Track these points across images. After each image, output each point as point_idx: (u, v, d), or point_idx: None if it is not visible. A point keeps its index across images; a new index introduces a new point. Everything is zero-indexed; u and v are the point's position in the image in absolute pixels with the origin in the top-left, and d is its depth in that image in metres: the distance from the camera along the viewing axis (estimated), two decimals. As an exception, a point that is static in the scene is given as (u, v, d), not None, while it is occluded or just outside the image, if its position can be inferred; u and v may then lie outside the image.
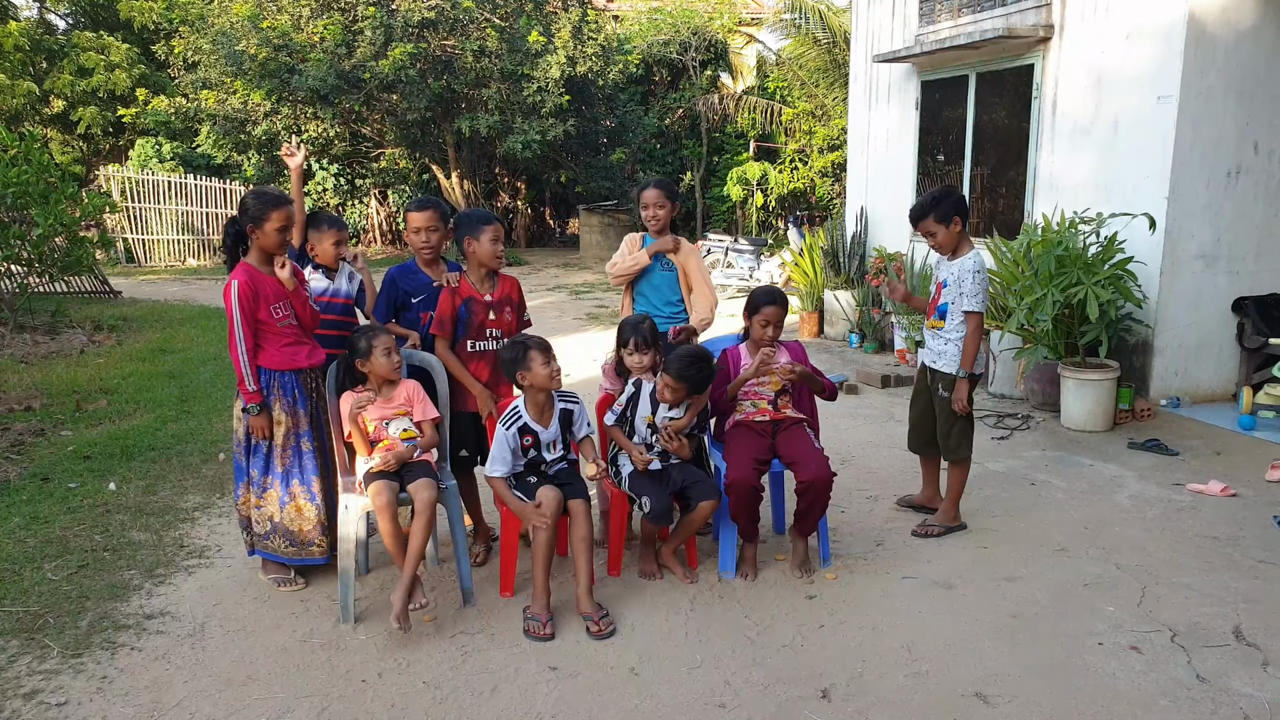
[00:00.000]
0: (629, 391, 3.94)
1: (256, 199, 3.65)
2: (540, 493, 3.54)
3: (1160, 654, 3.25)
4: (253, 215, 3.62)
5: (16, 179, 9.27)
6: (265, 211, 3.61)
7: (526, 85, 15.79)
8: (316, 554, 3.85)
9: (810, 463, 3.76)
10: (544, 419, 3.69)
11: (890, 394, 7.22)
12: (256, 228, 3.62)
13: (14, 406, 6.79)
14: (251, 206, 3.64)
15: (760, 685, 3.10)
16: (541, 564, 3.52)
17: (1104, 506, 4.71)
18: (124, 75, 19.24)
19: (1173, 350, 6.42)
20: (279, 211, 3.63)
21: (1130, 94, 6.40)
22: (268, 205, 3.62)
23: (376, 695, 3.07)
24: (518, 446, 3.66)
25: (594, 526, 3.77)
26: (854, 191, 10.00)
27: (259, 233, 3.63)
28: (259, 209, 3.62)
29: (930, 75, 8.55)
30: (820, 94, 17.09)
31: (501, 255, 3.98)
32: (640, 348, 3.86)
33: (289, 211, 3.67)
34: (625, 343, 3.89)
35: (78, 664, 3.26)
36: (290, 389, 3.76)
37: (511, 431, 3.64)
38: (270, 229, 3.62)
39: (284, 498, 3.79)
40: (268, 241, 3.64)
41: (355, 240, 20.37)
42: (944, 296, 4.23)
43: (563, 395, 3.77)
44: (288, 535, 3.82)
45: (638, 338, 3.86)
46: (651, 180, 4.45)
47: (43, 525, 4.51)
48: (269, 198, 3.65)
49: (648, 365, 3.88)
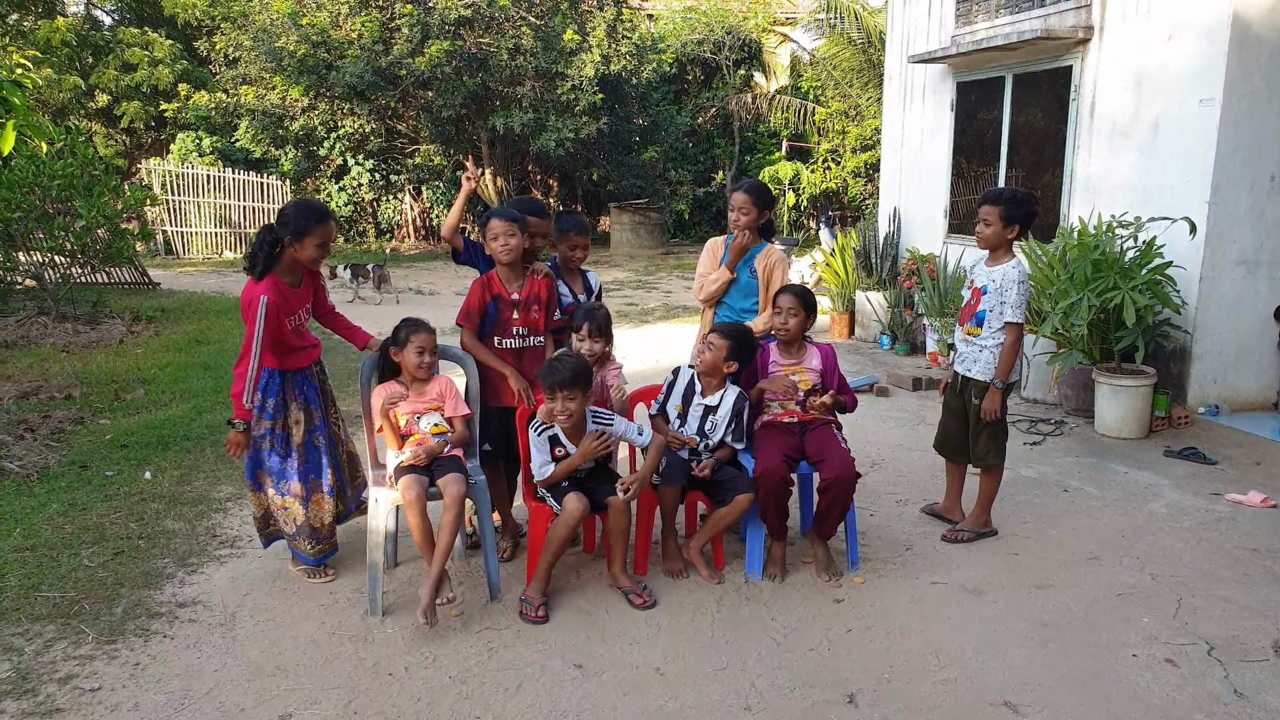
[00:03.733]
0: (669, 379, 4.02)
1: (299, 212, 3.60)
2: (566, 500, 3.57)
3: (1196, 667, 3.19)
4: (294, 229, 3.55)
5: (62, 171, 9.45)
6: (308, 227, 3.56)
7: (560, 83, 15.83)
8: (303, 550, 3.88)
9: (834, 460, 3.74)
10: (576, 439, 3.69)
11: (921, 397, 7.16)
12: (296, 242, 3.57)
13: (55, 394, 6.93)
14: (293, 220, 3.56)
15: (786, 689, 3.08)
16: (550, 553, 3.59)
17: (1139, 515, 4.63)
18: (167, 71, 19.57)
19: (1211, 357, 6.30)
20: (322, 228, 3.59)
21: (1171, 96, 6.29)
22: (310, 220, 3.57)
23: (403, 689, 3.09)
24: (548, 455, 3.68)
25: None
26: (887, 192, 9.92)
27: (298, 246, 3.58)
28: (301, 223, 3.56)
29: (966, 76, 8.46)
30: (854, 94, 16.97)
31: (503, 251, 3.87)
32: (592, 334, 3.91)
33: (330, 229, 3.64)
34: (578, 328, 3.95)
35: (112, 650, 3.32)
36: (302, 386, 3.81)
37: (542, 439, 3.67)
38: (310, 244, 3.59)
39: (307, 496, 3.83)
40: (305, 256, 3.62)
41: (389, 236, 20.57)
42: (983, 303, 4.15)
43: (596, 415, 3.77)
44: (312, 534, 3.85)
45: (590, 324, 3.91)
46: (744, 183, 4.38)
47: (80, 512, 4.59)
48: (312, 211, 3.61)
49: (598, 353, 3.93)
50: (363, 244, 20.00)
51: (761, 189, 4.34)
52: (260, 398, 3.72)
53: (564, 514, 3.55)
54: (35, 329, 9.50)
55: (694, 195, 20.41)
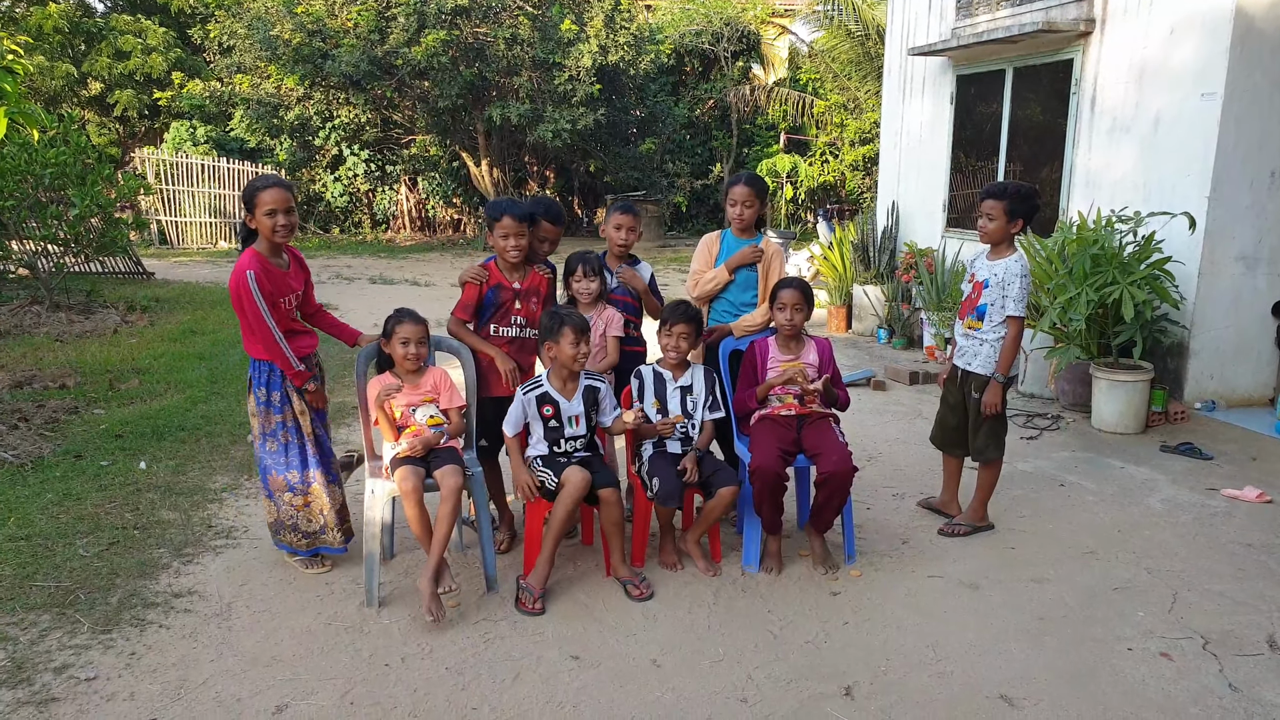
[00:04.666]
0: (634, 384, 4.01)
1: (249, 184, 3.62)
2: (566, 473, 3.57)
3: (1191, 662, 3.20)
4: (245, 200, 3.59)
5: (55, 159, 9.39)
6: (253, 195, 3.56)
7: (558, 74, 15.77)
8: (331, 541, 3.88)
9: (831, 454, 3.73)
10: (567, 391, 3.73)
11: (918, 391, 7.16)
12: (249, 214, 3.59)
13: (49, 384, 6.89)
14: (245, 193, 3.61)
15: (783, 681, 3.08)
16: (551, 535, 3.58)
17: (1135, 510, 4.64)
18: (160, 59, 19.46)
19: (1209, 353, 6.31)
20: (269, 193, 3.56)
21: (1173, 91, 6.28)
22: (255, 189, 3.58)
23: (399, 679, 3.09)
24: (535, 414, 3.70)
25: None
26: (886, 185, 9.90)
27: (251, 219, 3.59)
28: (249, 194, 3.58)
29: (966, 69, 8.44)
30: (853, 87, 16.94)
31: (512, 250, 3.89)
32: (588, 274, 4.05)
33: (278, 195, 3.57)
34: (573, 270, 4.04)
35: (107, 640, 3.30)
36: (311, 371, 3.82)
37: (530, 397, 3.70)
38: (260, 214, 3.56)
39: (320, 485, 3.83)
40: (263, 226, 3.59)
41: (385, 227, 20.50)
42: (984, 297, 4.14)
43: (590, 374, 3.80)
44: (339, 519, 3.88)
45: (585, 265, 4.05)
46: (743, 175, 4.36)
47: (75, 502, 4.57)
48: (259, 180, 3.61)
49: (595, 291, 4.08)
50: (358, 235, 19.94)
51: (761, 180, 4.33)
52: (265, 393, 3.70)
53: (567, 487, 3.53)
54: (29, 318, 9.45)
55: (692, 188, 20.39)
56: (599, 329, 4.11)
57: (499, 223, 3.87)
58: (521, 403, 3.71)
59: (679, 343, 3.91)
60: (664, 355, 3.98)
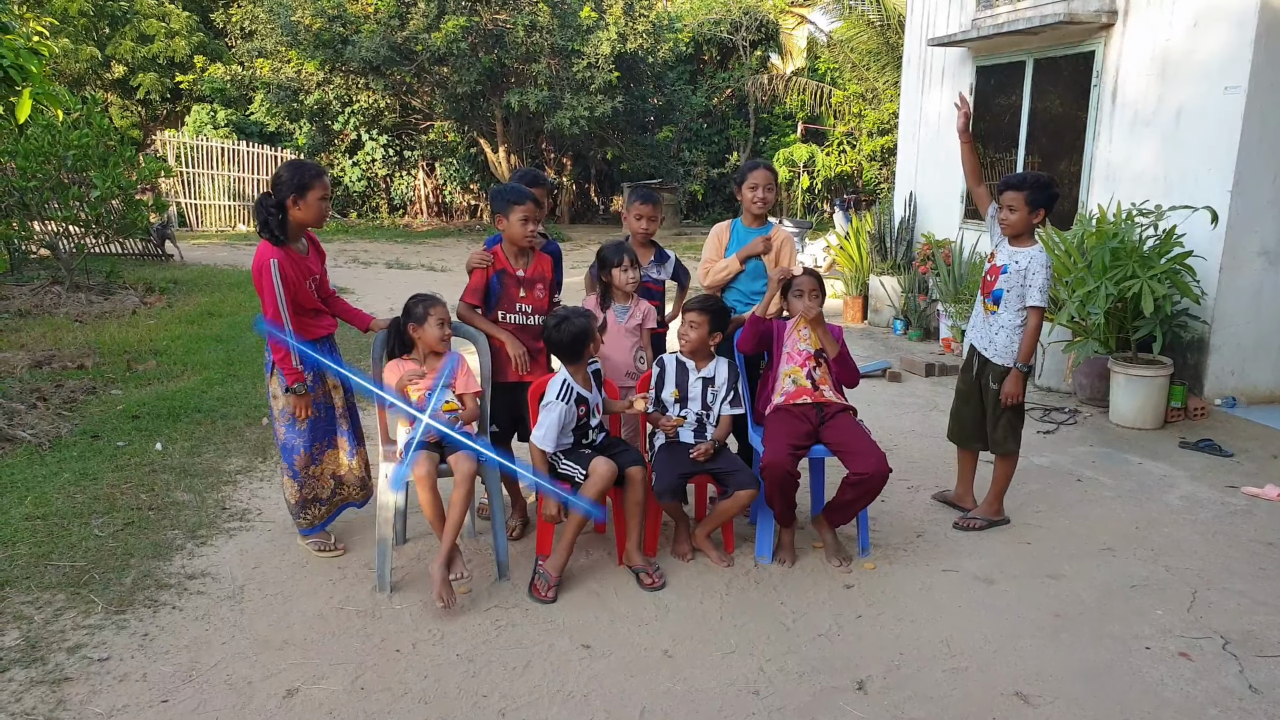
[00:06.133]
0: (655, 372, 3.99)
1: (295, 170, 3.60)
2: (594, 464, 3.56)
3: (1211, 662, 3.15)
4: (296, 186, 3.56)
5: (78, 141, 9.43)
6: (309, 181, 3.56)
7: (576, 61, 15.72)
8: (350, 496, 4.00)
9: (868, 455, 3.68)
10: (587, 383, 3.74)
11: (934, 383, 7.11)
12: (300, 199, 3.57)
13: (68, 364, 6.94)
14: (292, 178, 3.57)
15: (795, 674, 3.06)
16: (575, 523, 3.59)
17: (1153, 506, 4.58)
18: (183, 42, 19.49)
19: (1230, 348, 6.22)
20: (321, 181, 3.59)
21: (1196, 84, 6.18)
22: (309, 175, 3.58)
23: (410, 665, 3.09)
24: (573, 419, 3.67)
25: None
26: (903, 176, 9.82)
27: (302, 203, 3.58)
28: (302, 179, 3.56)
29: (986, 61, 8.34)
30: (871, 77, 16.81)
31: (533, 234, 3.90)
32: (633, 264, 4.04)
33: (328, 184, 3.65)
34: (619, 262, 4.03)
35: (120, 620, 3.32)
36: (334, 354, 3.86)
37: (570, 404, 3.64)
38: (314, 198, 3.59)
39: (353, 450, 3.95)
40: (310, 213, 3.61)
41: (402, 212, 20.53)
42: (1000, 282, 4.09)
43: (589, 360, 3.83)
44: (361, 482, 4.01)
45: (628, 255, 4.04)
46: (761, 161, 4.36)
47: (91, 482, 4.60)
48: (309, 168, 3.62)
49: (637, 281, 4.08)
50: (375, 219, 19.97)
51: (774, 166, 4.33)
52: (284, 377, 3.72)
53: (593, 478, 3.52)
54: (49, 298, 9.52)
55: (708, 176, 20.30)
56: (635, 320, 4.13)
57: (521, 206, 3.84)
58: (560, 414, 3.61)
59: (687, 330, 3.89)
60: (680, 343, 3.97)
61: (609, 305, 4.10)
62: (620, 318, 4.11)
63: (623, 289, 4.07)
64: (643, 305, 4.18)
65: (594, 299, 4.12)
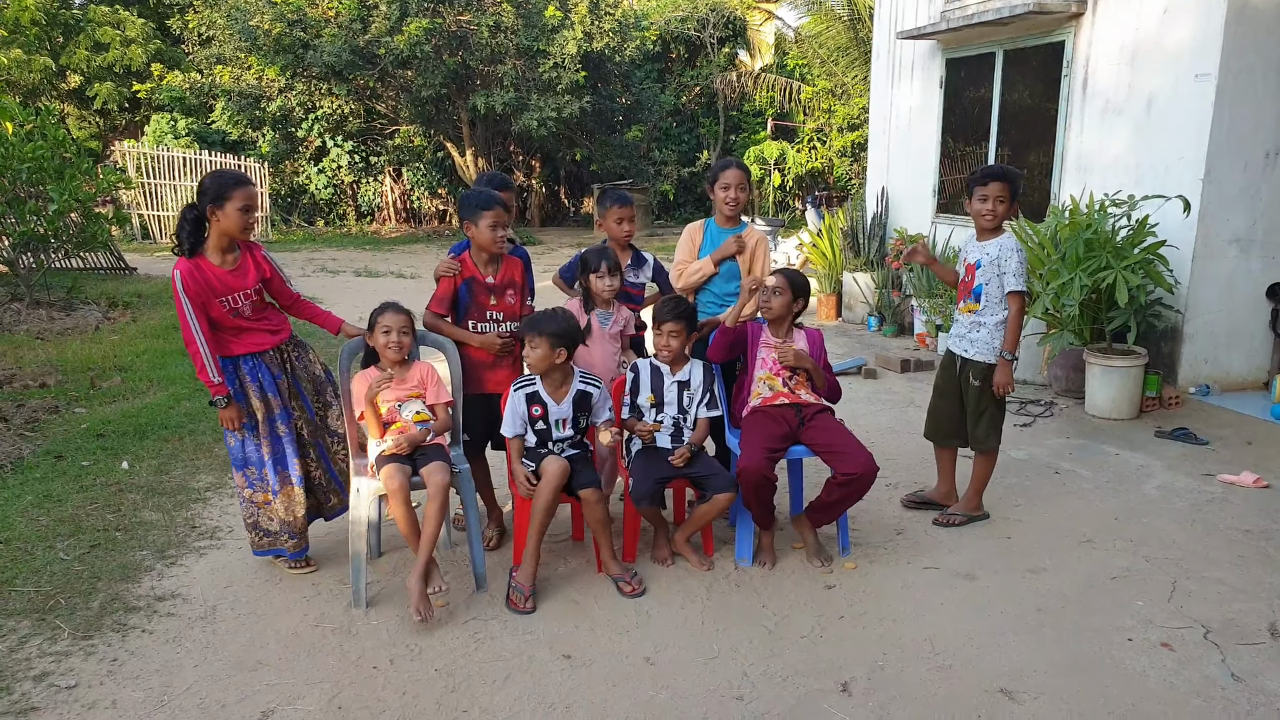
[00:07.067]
0: (629, 377, 3.93)
1: (215, 180, 3.48)
2: (544, 463, 3.52)
3: (1192, 651, 3.16)
4: (214, 196, 3.44)
5: (32, 154, 9.22)
6: (227, 190, 3.44)
7: (542, 61, 15.63)
8: (285, 545, 3.78)
9: (856, 455, 3.66)
10: (558, 394, 3.66)
11: (910, 379, 7.11)
12: (218, 208, 3.45)
13: (29, 383, 6.77)
14: (212, 187, 3.46)
15: (779, 677, 3.03)
16: (535, 528, 3.52)
17: (1131, 497, 4.60)
18: (139, 50, 19.21)
19: (1203, 337, 6.27)
20: (242, 190, 3.46)
21: (1166, 72, 6.22)
22: (229, 184, 3.46)
23: (388, 682, 3.02)
24: (525, 413, 3.64)
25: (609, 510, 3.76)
26: (875, 171, 9.84)
27: (220, 214, 3.46)
28: (221, 188, 3.44)
29: (955, 53, 8.37)
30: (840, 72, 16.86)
31: (502, 240, 3.83)
32: (611, 271, 3.95)
33: (252, 193, 3.52)
34: (596, 269, 3.95)
35: (88, 646, 3.23)
36: (255, 373, 3.67)
37: (519, 394, 3.65)
38: (233, 209, 3.45)
39: (275, 486, 3.73)
40: (230, 223, 3.48)
41: (370, 219, 20.32)
42: (978, 278, 4.07)
43: (585, 377, 3.73)
44: (289, 529, 3.77)
45: (607, 262, 3.95)
46: (733, 160, 4.29)
47: (56, 504, 4.48)
48: (230, 176, 3.50)
49: (617, 287, 3.99)
50: (343, 227, 19.76)
51: (746, 165, 4.28)
52: None
53: (545, 477, 3.48)
54: (8, 315, 9.30)
55: (679, 176, 20.28)
56: (618, 326, 4.08)
57: (489, 212, 3.77)
58: (514, 401, 3.66)
59: (669, 341, 3.82)
60: (657, 353, 3.90)
61: (592, 309, 4.04)
62: (604, 324, 4.05)
63: (600, 295, 4.01)
64: (624, 312, 4.13)
65: (577, 302, 4.06)
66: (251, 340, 3.67)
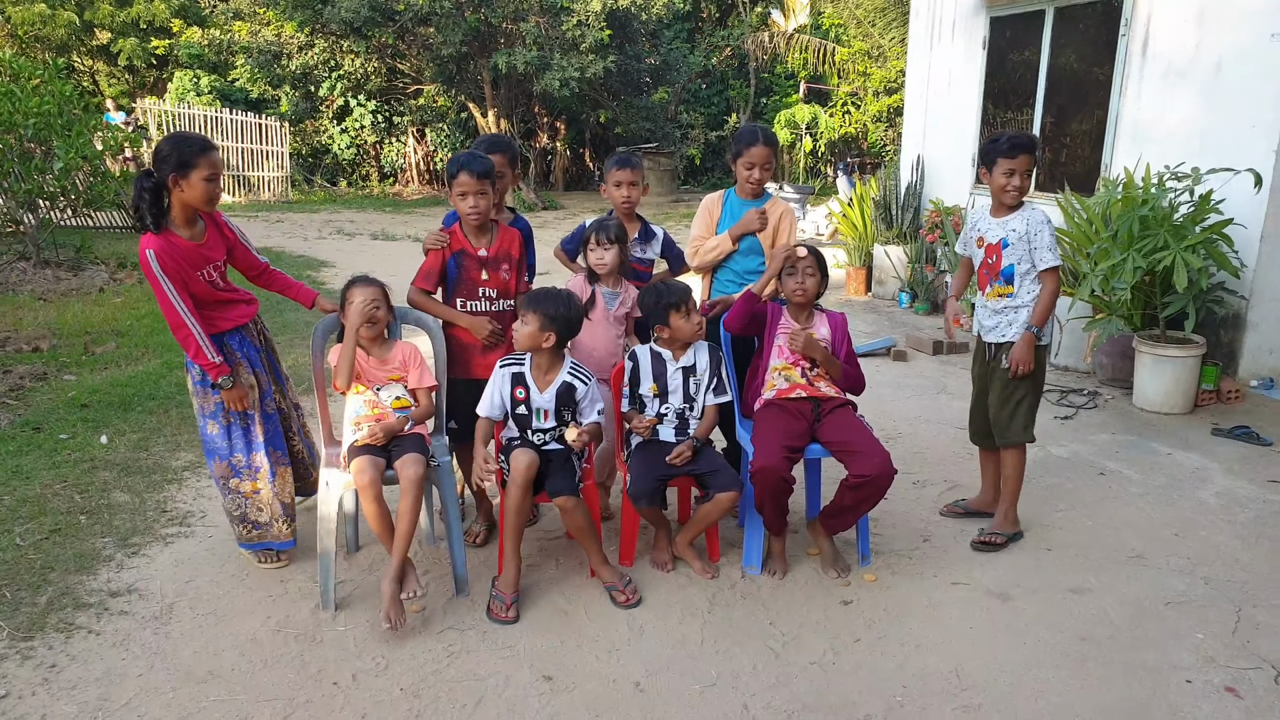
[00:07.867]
0: (628, 366, 3.55)
1: (177, 145, 3.13)
2: (514, 455, 3.17)
3: (1263, 699, 2.74)
4: (177, 163, 3.09)
5: (38, 109, 8.95)
6: (191, 158, 3.10)
7: (565, 19, 15.11)
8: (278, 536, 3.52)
9: (871, 455, 3.25)
10: (542, 381, 3.30)
11: (942, 362, 6.66)
12: (182, 178, 3.11)
13: (22, 346, 6.57)
14: (173, 154, 3.11)
15: (784, 712, 2.67)
16: (509, 529, 3.18)
17: (1186, 505, 4.15)
18: (163, 5, 18.90)
19: (1269, 325, 5.74)
20: (206, 157, 3.12)
21: (1238, 30, 5.64)
22: (194, 150, 3.11)
23: (347, 701, 2.72)
24: (508, 393, 3.29)
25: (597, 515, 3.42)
26: (911, 138, 9.29)
27: (185, 184, 3.12)
28: (184, 154, 3.10)
29: (1001, 11, 7.79)
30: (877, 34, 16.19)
31: (473, 212, 3.43)
32: (603, 243, 3.62)
33: (216, 159, 3.17)
34: (588, 239, 3.62)
35: (27, 649, 2.96)
36: (243, 347, 3.42)
37: (505, 372, 3.30)
38: (198, 179, 3.12)
39: (270, 470, 3.47)
40: (195, 194, 3.14)
41: (393, 180, 19.99)
42: (1006, 258, 3.62)
43: (575, 369, 3.35)
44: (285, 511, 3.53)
45: (603, 234, 3.63)
46: (758, 131, 3.82)
47: (24, 481, 4.23)
48: (194, 141, 3.16)
49: (613, 262, 3.65)
50: (366, 188, 19.45)
51: (775, 136, 3.84)
52: (199, 373, 3.31)
53: (512, 473, 3.13)
54: (14, 275, 9.12)
55: (706, 140, 19.70)
56: (624, 308, 3.72)
57: (455, 179, 3.39)
58: (497, 377, 3.31)
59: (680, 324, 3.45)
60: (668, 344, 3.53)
61: (596, 281, 3.68)
62: (610, 304, 3.67)
63: (596, 269, 3.63)
64: (632, 291, 3.73)
65: (581, 278, 3.70)
66: (235, 313, 3.41)
